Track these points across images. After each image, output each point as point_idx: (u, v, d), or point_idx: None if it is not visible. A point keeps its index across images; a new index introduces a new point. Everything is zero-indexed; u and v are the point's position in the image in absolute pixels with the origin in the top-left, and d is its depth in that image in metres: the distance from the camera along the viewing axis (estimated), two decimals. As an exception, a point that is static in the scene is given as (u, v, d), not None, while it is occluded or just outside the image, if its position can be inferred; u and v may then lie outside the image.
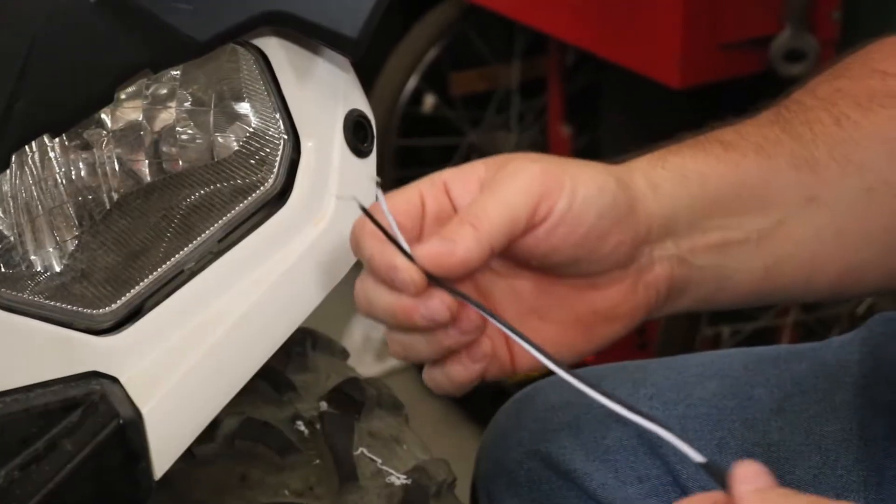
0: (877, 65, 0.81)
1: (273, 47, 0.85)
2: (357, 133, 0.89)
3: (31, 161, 0.85)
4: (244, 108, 0.87)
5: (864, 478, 0.92)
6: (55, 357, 0.78)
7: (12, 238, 0.84)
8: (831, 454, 0.94)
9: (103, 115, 0.88)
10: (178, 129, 0.88)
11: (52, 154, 0.86)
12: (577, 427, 1.00)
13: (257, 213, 0.85)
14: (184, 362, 0.81)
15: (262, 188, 0.85)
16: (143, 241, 0.84)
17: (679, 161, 0.76)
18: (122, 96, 0.87)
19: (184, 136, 0.88)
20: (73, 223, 0.86)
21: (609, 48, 2.12)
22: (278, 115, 0.86)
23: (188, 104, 0.88)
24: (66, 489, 0.76)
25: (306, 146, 0.86)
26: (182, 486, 0.99)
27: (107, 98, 0.78)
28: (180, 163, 0.88)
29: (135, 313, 0.81)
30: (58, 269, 0.84)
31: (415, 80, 2.59)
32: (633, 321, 0.77)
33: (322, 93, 0.88)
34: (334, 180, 0.87)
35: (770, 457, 0.95)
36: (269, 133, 0.87)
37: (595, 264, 0.74)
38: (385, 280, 0.70)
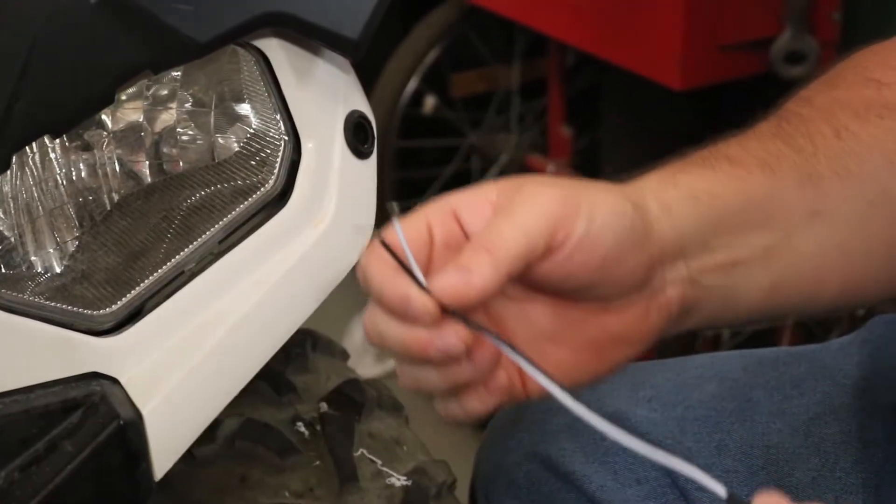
0: (870, 73, 0.80)
1: (274, 48, 0.85)
2: (357, 134, 0.89)
3: (31, 162, 0.85)
4: (245, 109, 0.87)
5: (863, 480, 0.92)
6: (56, 358, 0.78)
7: (13, 239, 0.84)
8: (830, 456, 0.93)
9: (104, 116, 0.88)
10: (178, 130, 0.88)
11: (52, 155, 0.86)
12: (576, 429, 1.00)
13: (258, 215, 0.85)
14: (184, 363, 0.81)
15: (262, 189, 0.85)
16: (144, 242, 0.84)
17: (689, 180, 0.75)
18: (123, 97, 0.88)
19: (184, 137, 0.88)
20: (73, 224, 0.86)
21: (609, 49, 2.12)
22: (279, 117, 0.86)
23: (189, 105, 0.88)
24: (66, 490, 0.77)
25: (307, 147, 0.86)
26: (182, 487, 0.99)
27: (107, 99, 0.79)
28: (181, 164, 0.88)
29: (135, 314, 0.81)
30: (58, 269, 0.85)
31: (415, 81, 2.58)
32: (645, 343, 0.76)
33: (322, 94, 0.88)
34: (335, 181, 0.87)
35: (769, 459, 0.95)
36: (270, 134, 0.87)
37: (610, 288, 0.73)
38: (398, 311, 0.68)
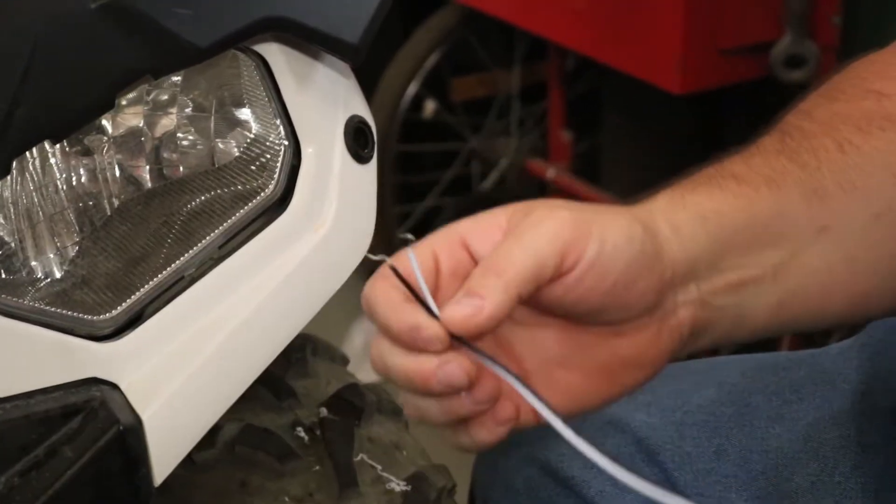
0: (870, 85, 0.80)
1: (274, 53, 0.85)
2: (357, 139, 0.89)
3: (31, 167, 0.85)
4: (245, 114, 0.88)
5: (862, 484, 0.92)
6: (55, 363, 0.78)
7: (13, 244, 0.84)
8: (829, 461, 0.93)
9: (104, 121, 0.88)
10: (178, 134, 0.88)
11: (52, 160, 0.86)
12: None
13: (258, 220, 0.85)
14: (184, 368, 0.81)
15: (262, 194, 0.85)
16: (144, 247, 0.84)
17: (697, 200, 0.74)
18: (123, 102, 0.88)
19: (184, 142, 0.88)
20: (73, 229, 0.86)
21: (609, 53, 2.12)
22: (279, 121, 0.86)
23: (189, 110, 0.88)
24: (66, 495, 0.77)
25: (307, 152, 0.86)
26: (182, 492, 0.99)
27: (108, 104, 0.79)
28: (181, 169, 0.88)
29: (135, 319, 0.81)
30: (58, 275, 0.85)
31: (415, 85, 2.58)
32: (658, 367, 0.75)
33: (323, 99, 0.88)
34: (335, 186, 0.87)
35: (768, 464, 0.95)
36: (270, 139, 0.87)
37: (622, 312, 0.72)
38: (404, 341, 0.68)
